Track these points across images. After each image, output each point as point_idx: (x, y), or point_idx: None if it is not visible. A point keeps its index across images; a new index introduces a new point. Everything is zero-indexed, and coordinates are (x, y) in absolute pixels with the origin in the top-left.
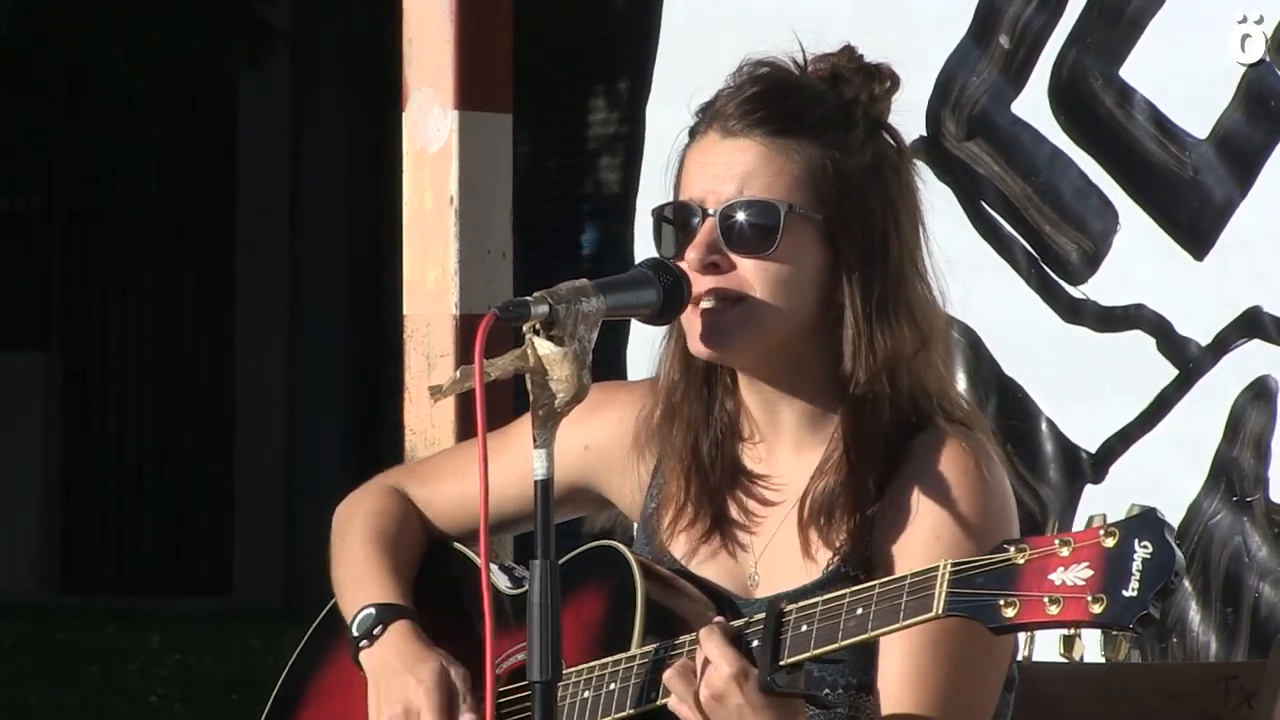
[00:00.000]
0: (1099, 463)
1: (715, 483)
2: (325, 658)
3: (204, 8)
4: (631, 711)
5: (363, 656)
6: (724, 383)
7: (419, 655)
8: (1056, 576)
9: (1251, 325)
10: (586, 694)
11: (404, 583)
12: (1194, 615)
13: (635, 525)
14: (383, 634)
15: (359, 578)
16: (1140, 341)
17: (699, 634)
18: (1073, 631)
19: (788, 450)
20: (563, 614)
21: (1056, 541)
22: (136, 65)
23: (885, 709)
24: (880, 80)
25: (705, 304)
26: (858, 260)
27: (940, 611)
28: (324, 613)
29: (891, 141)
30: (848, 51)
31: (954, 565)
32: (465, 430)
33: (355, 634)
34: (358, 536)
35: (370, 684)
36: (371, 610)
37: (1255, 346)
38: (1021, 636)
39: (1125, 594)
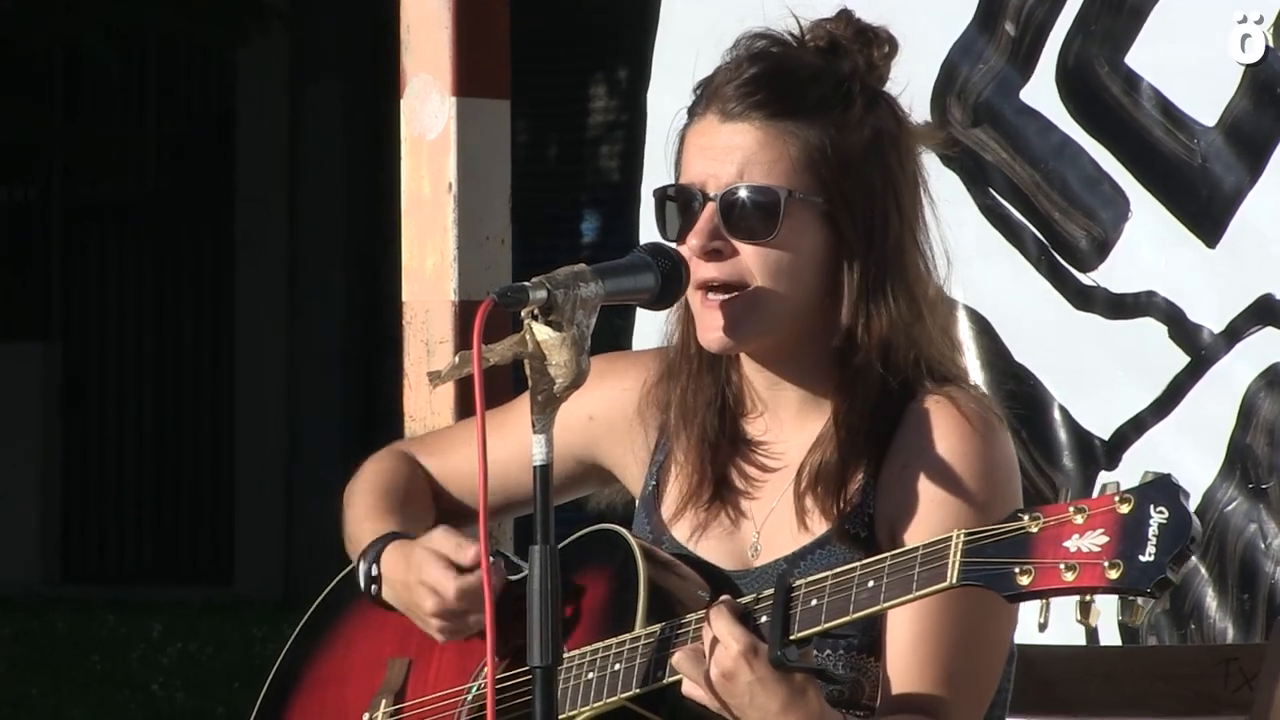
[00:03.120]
0: (1112, 450)
1: (720, 452)
2: (321, 643)
3: None
4: (637, 691)
5: (384, 598)
6: (729, 357)
7: (406, 557)
8: (1072, 543)
9: (1264, 313)
10: (591, 675)
11: (403, 519)
12: (1211, 602)
13: (635, 502)
14: (382, 567)
15: (360, 532)
16: (1152, 329)
17: (707, 613)
18: (1089, 598)
19: (790, 422)
20: (565, 597)
21: (1071, 509)
22: (133, 57)
23: (892, 668)
24: (879, 45)
25: (711, 295)
26: (858, 240)
27: (954, 581)
28: (320, 598)
29: (891, 112)
30: (845, 17)
31: (967, 534)
32: (465, 416)
33: (363, 584)
34: (362, 491)
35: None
36: (363, 558)
37: (1268, 334)
38: (1037, 604)
39: (1142, 559)
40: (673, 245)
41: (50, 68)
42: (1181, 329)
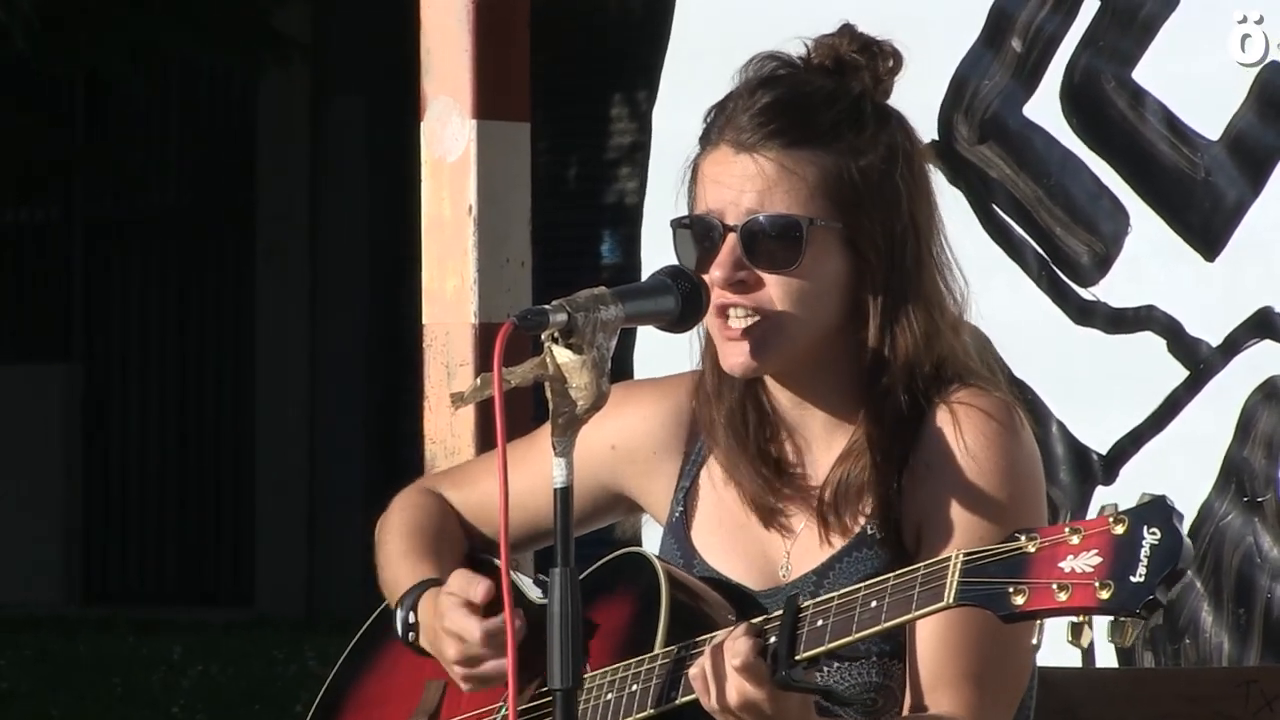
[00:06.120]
0: (1110, 464)
1: (753, 474)
2: (366, 666)
3: (219, 19)
4: (652, 711)
5: (420, 644)
6: (759, 381)
7: (436, 604)
8: (1066, 564)
9: (1262, 326)
10: (609, 696)
11: (438, 561)
12: (1206, 616)
13: (662, 529)
14: (419, 614)
15: (397, 575)
16: (1151, 343)
17: (718, 632)
18: (1081, 619)
19: (817, 441)
20: (592, 620)
21: (1067, 529)
22: (154, 76)
23: (920, 668)
24: (884, 59)
25: (734, 322)
26: (879, 261)
27: (951, 601)
28: (368, 623)
29: (901, 127)
30: (848, 32)
31: (966, 555)
32: (485, 439)
33: (400, 632)
34: (395, 532)
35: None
36: (400, 606)
37: (1266, 347)
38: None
39: (1133, 580)
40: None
41: (71, 83)
42: (1180, 342)
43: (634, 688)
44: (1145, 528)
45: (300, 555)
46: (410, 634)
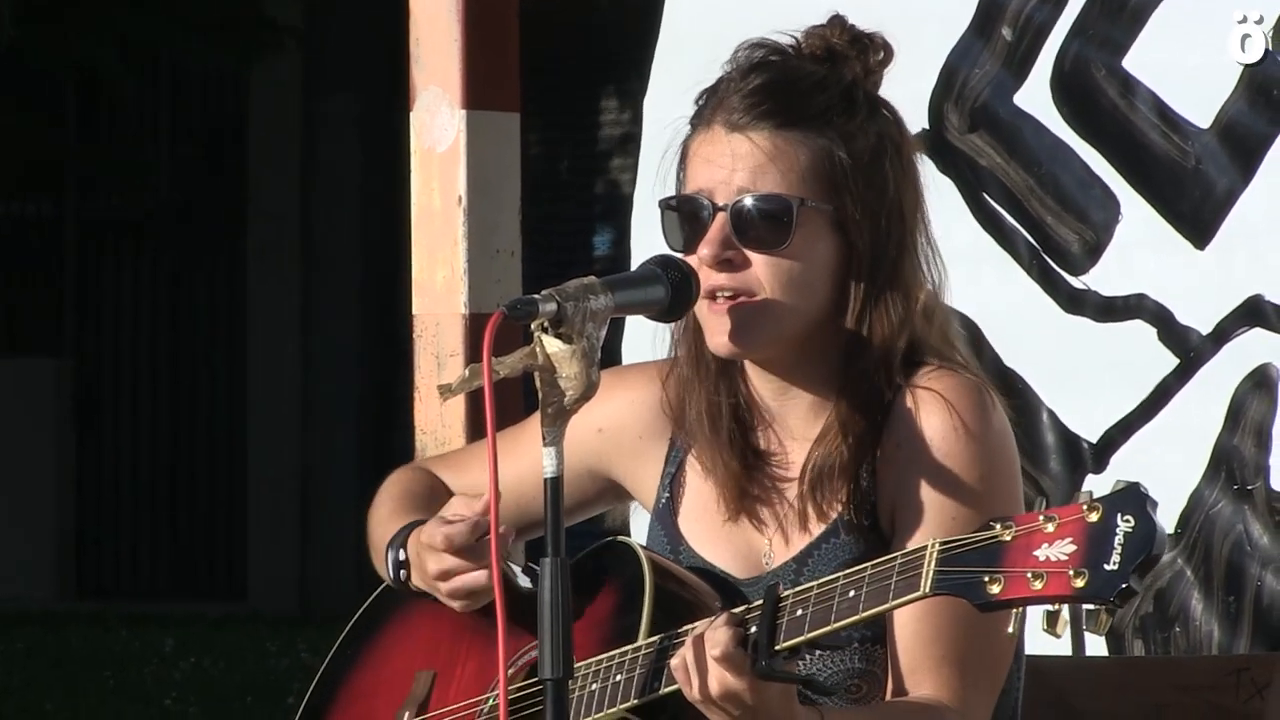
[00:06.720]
0: (1100, 453)
1: (736, 462)
2: (357, 656)
3: (209, 9)
4: (636, 701)
5: (413, 583)
6: (738, 368)
7: (419, 533)
8: (1041, 552)
9: (1252, 314)
10: (594, 686)
11: (427, 516)
12: (1196, 604)
13: (650, 516)
14: (407, 550)
15: (387, 531)
16: (1141, 331)
17: (699, 623)
18: (1055, 607)
19: (798, 429)
20: (577, 610)
21: (1041, 518)
22: (145, 73)
23: (900, 653)
24: (874, 51)
25: (719, 300)
26: (866, 247)
27: (927, 590)
28: (358, 614)
29: (891, 117)
30: (838, 23)
31: (942, 544)
32: (475, 429)
33: (392, 573)
34: (386, 497)
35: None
36: (390, 548)
37: (1256, 335)
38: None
39: (1107, 568)
40: (681, 256)
41: (64, 82)
42: (1170, 331)
43: (618, 678)
44: (1119, 515)
45: (293, 549)
46: (402, 571)
